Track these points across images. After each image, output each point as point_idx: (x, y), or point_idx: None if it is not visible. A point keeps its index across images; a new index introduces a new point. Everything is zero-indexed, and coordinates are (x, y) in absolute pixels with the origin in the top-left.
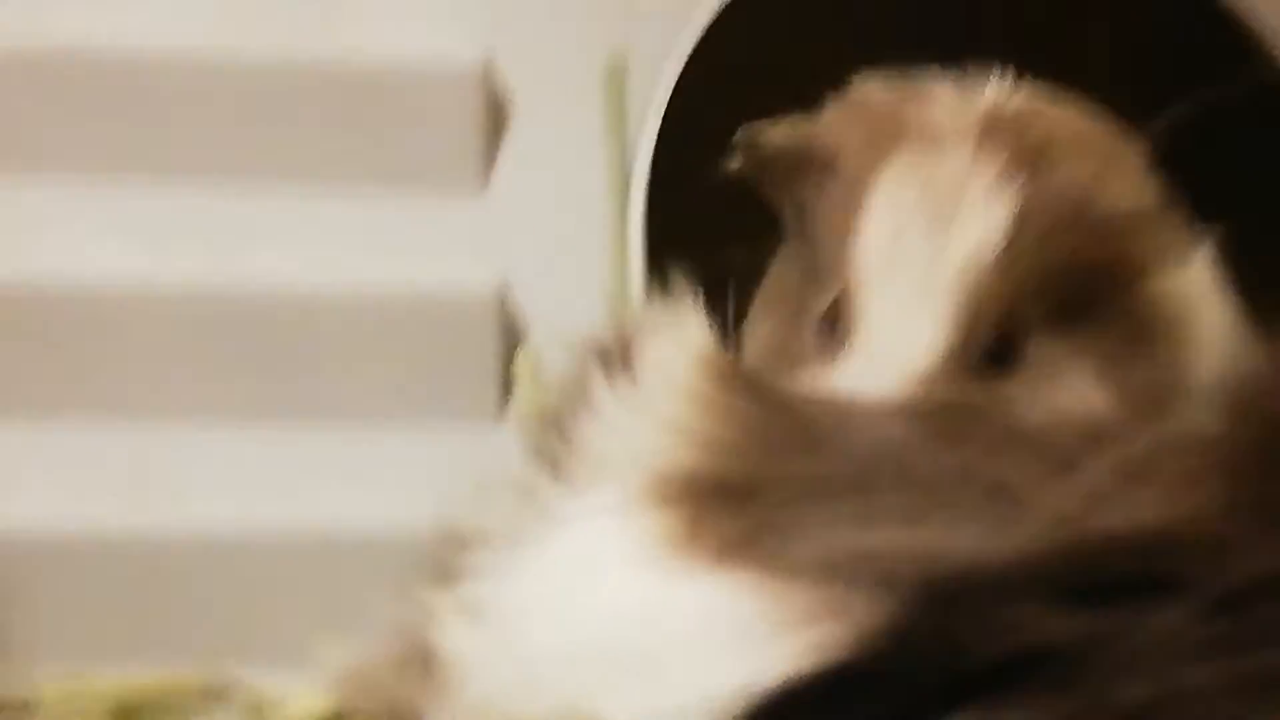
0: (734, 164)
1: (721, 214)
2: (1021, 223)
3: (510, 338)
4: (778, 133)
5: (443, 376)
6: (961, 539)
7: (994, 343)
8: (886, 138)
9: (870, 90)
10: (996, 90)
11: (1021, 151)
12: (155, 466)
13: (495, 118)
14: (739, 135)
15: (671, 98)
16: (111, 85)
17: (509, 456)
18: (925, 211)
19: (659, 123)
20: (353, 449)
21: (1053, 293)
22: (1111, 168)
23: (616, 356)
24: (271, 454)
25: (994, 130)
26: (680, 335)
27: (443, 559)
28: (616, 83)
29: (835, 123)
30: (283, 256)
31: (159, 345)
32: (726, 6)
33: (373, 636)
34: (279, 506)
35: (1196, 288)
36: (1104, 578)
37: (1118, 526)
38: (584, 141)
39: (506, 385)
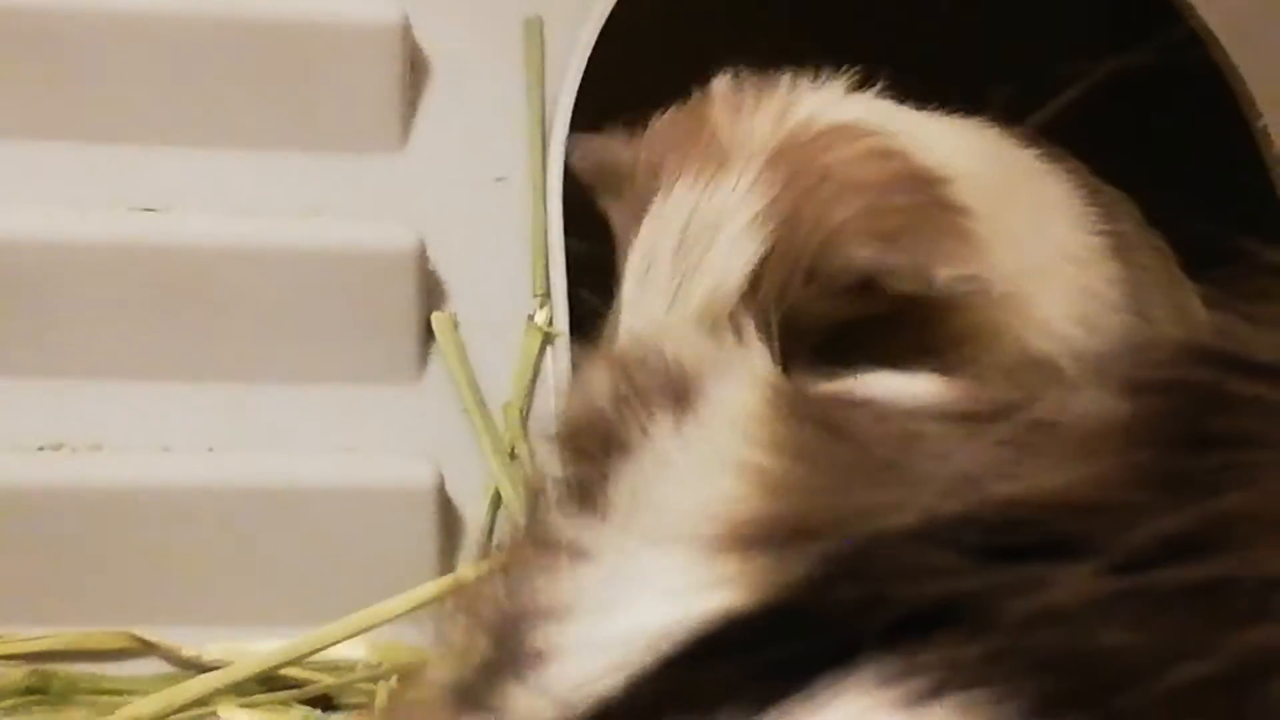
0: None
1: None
2: (764, 267)
3: (429, 297)
4: (587, 147)
5: (361, 335)
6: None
7: None
8: (678, 158)
9: (703, 98)
10: (819, 102)
11: (792, 186)
12: (73, 423)
13: (414, 75)
14: (569, 146)
15: (591, 55)
16: (27, 44)
17: (427, 417)
18: (679, 243)
19: (579, 80)
20: (271, 407)
21: (804, 333)
22: (883, 206)
23: (670, 393)
24: (189, 411)
25: (780, 157)
26: (747, 369)
27: (507, 642)
28: (534, 40)
29: (645, 139)
30: (200, 214)
31: (77, 302)
32: None
33: None
34: (196, 464)
35: (1041, 287)
36: (1010, 538)
37: (1019, 490)
38: (502, 99)
39: (425, 345)
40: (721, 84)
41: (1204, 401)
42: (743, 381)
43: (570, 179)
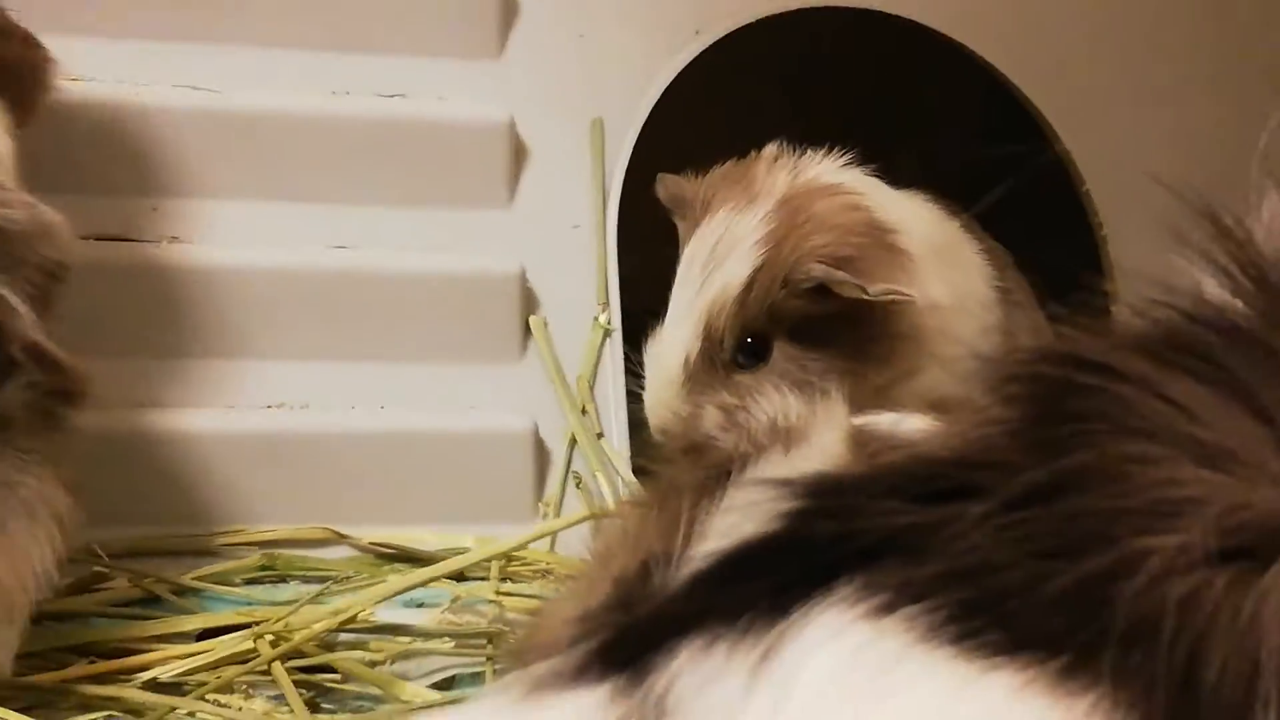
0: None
1: (669, 223)
2: (755, 277)
3: (527, 305)
4: (669, 182)
5: (483, 331)
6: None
7: (747, 346)
8: (722, 194)
9: (755, 158)
10: (820, 169)
11: (785, 223)
12: (290, 390)
13: (517, 158)
14: (658, 180)
15: (635, 144)
16: (254, 137)
17: (526, 386)
18: (709, 253)
19: (627, 160)
20: (424, 379)
21: (785, 318)
22: (843, 241)
23: (781, 436)
24: (368, 382)
25: (786, 201)
26: (836, 423)
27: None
28: (597, 132)
29: (705, 181)
30: (375, 250)
31: (296, 310)
32: (671, 85)
33: None
34: (372, 417)
35: (959, 311)
36: (934, 486)
37: (936, 450)
38: (576, 172)
39: (525, 337)
40: (770, 149)
41: (1057, 388)
42: (833, 431)
43: (622, 223)
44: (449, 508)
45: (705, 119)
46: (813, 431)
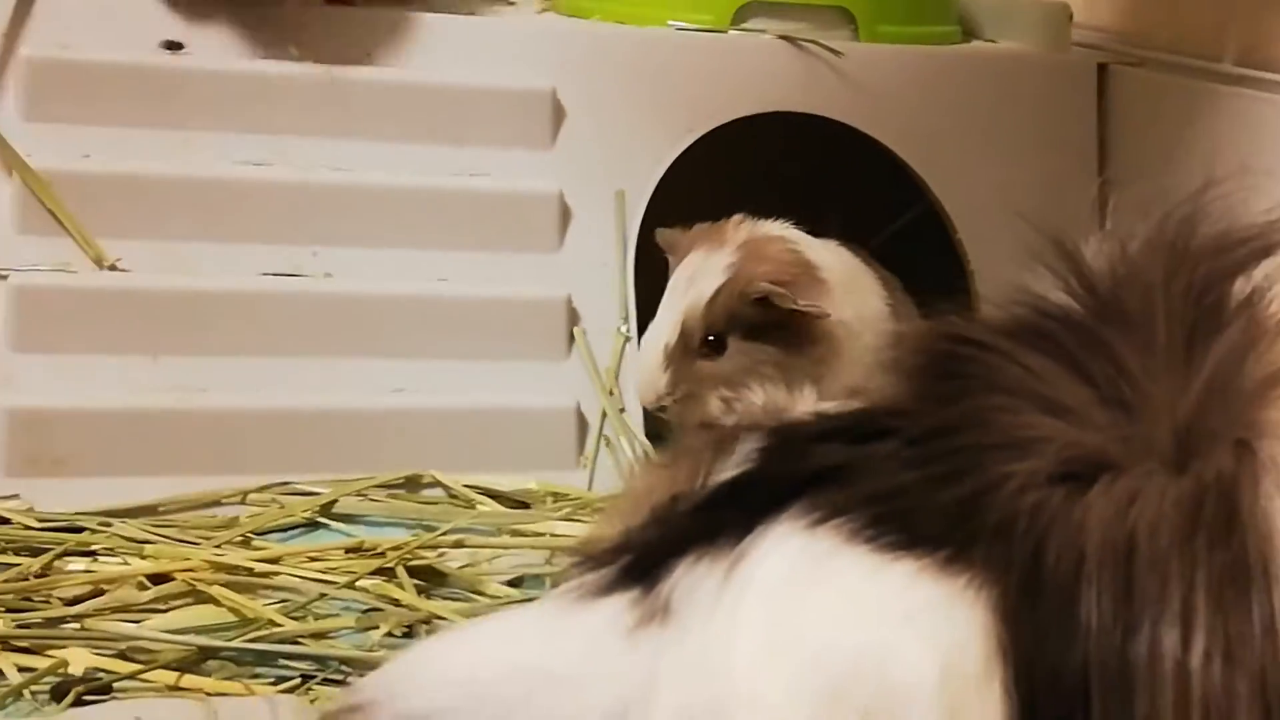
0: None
1: (666, 263)
2: (719, 292)
3: (571, 319)
4: (665, 234)
5: (541, 338)
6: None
7: (710, 341)
8: (700, 241)
9: (726, 221)
10: (771, 228)
11: (744, 257)
12: (398, 380)
13: (564, 218)
14: (657, 233)
15: (646, 210)
16: (382, 203)
17: (570, 376)
18: (689, 279)
19: (640, 217)
20: (498, 372)
21: (738, 323)
22: (781, 271)
23: (771, 416)
24: (456, 375)
25: (745, 245)
26: (805, 407)
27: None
28: (620, 201)
29: (689, 234)
30: (467, 284)
31: (409, 318)
32: (671, 167)
33: None
34: (458, 398)
35: (862, 324)
36: (859, 431)
37: (862, 404)
38: (605, 227)
39: (569, 342)
40: (736, 217)
41: (944, 357)
42: (804, 407)
43: (636, 264)
44: (516, 460)
45: (694, 192)
46: (793, 413)
